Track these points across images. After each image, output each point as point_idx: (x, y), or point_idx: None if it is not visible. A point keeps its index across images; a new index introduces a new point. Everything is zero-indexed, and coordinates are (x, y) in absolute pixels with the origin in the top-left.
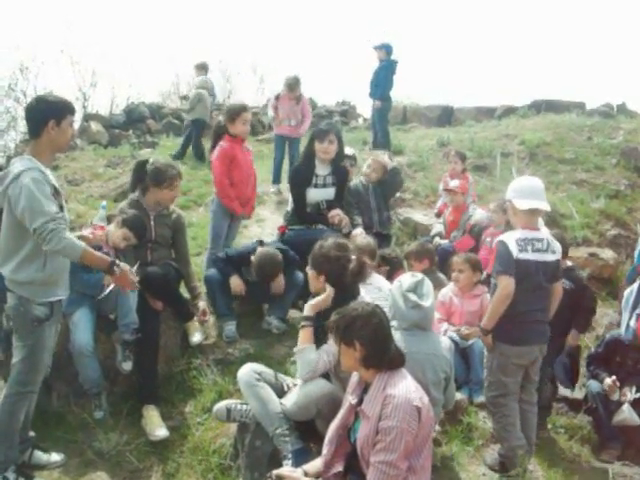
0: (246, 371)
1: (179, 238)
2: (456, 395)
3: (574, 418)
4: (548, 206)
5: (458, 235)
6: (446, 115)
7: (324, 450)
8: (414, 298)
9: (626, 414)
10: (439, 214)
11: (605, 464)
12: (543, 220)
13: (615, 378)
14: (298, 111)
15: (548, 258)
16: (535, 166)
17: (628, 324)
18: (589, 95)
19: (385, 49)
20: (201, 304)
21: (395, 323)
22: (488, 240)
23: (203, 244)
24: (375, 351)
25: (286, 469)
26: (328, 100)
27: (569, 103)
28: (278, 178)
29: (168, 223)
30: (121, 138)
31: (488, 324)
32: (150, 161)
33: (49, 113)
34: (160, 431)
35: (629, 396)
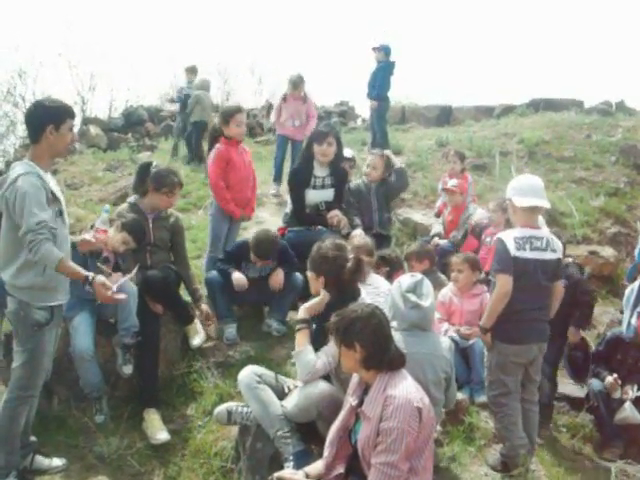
0: (246, 373)
1: (178, 241)
2: (457, 395)
3: (576, 417)
4: (548, 203)
5: (457, 235)
6: (445, 115)
7: (325, 452)
8: (413, 298)
9: (628, 412)
10: (438, 214)
11: (607, 462)
12: (544, 218)
13: (617, 376)
14: (303, 112)
15: (547, 257)
16: (534, 165)
17: (629, 322)
18: (587, 93)
19: (384, 50)
20: (204, 307)
21: (395, 324)
22: (488, 240)
23: (203, 247)
24: (375, 352)
25: (287, 471)
26: (327, 101)
27: (568, 101)
28: (279, 177)
29: (166, 226)
30: (120, 141)
31: (487, 323)
32: (154, 164)
33: (47, 118)
34: (161, 434)
35: (631, 394)
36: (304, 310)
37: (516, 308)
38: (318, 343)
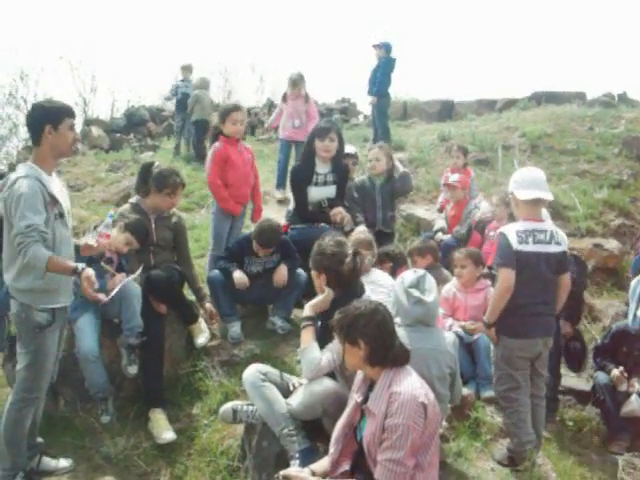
0: (251, 372)
1: (180, 241)
2: (463, 390)
3: (582, 410)
4: (551, 195)
5: (460, 230)
6: (447, 109)
7: (331, 449)
8: (416, 294)
9: (634, 405)
10: (441, 209)
11: (614, 455)
12: (547, 212)
13: (622, 369)
14: (303, 111)
15: (551, 249)
16: (537, 158)
17: (635, 314)
18: (590, 85)
19: (384, 47)
20: (208, 306)
21: (399, 320)
22: (492, 234)
23: (206, 246)
24: (379, 348)
25: (293, 469)
26: (328, 98)
27: (570, 94)
28: (283, 183)
29: (169, 226)
30: (122, 142)
31: (490, 318)
32: (156, 164)
33: (45, 119)
34: (167, 434)
35: (637, 387)
36: (309, 308)
37: (520, 302)
38: (323, 341)
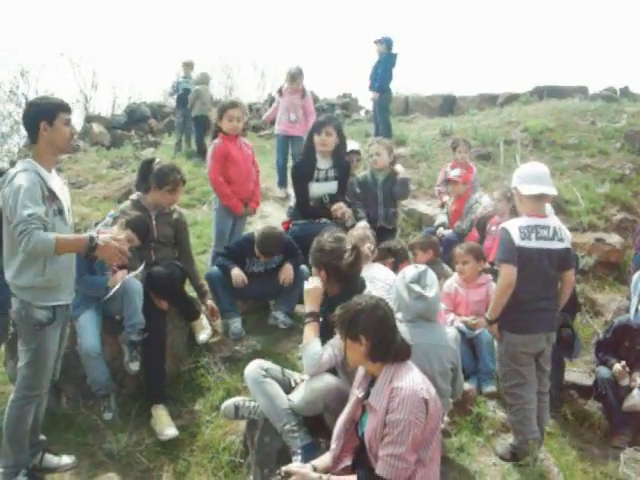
0: (253, 368)
1: (182, 237)
2: (465, 385)
3: (584, 405)
4: (554, 190)
5: (462, 225)
6: (448, 104)
7: (332, 445)
8: (418, 289)
9: (636, 399)
10: (442, 205)
11: (616, 450)
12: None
13: (624, 363)
14: (299, 106)
15: (554, 246)
16: (539, 153)
17: (637, 308)
18: (591, 79)
19: (385, 43)
20: (209, 302)
21: (400, 315)
22: (494, 229)
23: (208, 242)
24: (381, 344)
25: (295, 465)
26: (329, 93)
27: (572, 88)
28: (284, 181)
29: (170, 222)
30: (123, 139)
31: (492, 314)
32: (156, 161)
33: (39, 115)
34: (169, 430)
35: (639, 381)
36: (309, 303)
37: (522, 298)
38: (324, 336)
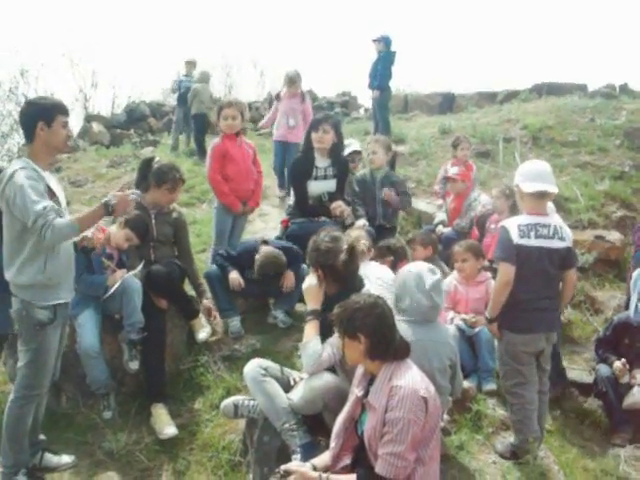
0: (252, 367)
1: (181, 236)
2: (464, 383)
3: (584, 402)
4: (556, 188)
5: (461, 222)
6: (447, 102)
7: (332, 443)
8: (437, 299)
9: (636, 397)
10: (440, 206)
11: (617, 448)
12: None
13: (624, 361)
14: (299, 110)
15: (555, 245)
16: (538, 150)
17: (636, 306)
18: (591, 76)
19: (384, 41)
20: (205, 302)
21: (405, 316)
22: (493, 227)
23: (207, 241)
24: (379, 342)
25: (294, 464)
26: (329, 92)
27: (571, 85)
28: (283, 183)
29: (169, 221)
30: (123, 138)
31: (491, 312)
32: (155, 160)
33: (37, 115)
34: (169, 429)
35: (639, 379)
36: (309, 301)
37: (522, 297)
38: (323, 335)
